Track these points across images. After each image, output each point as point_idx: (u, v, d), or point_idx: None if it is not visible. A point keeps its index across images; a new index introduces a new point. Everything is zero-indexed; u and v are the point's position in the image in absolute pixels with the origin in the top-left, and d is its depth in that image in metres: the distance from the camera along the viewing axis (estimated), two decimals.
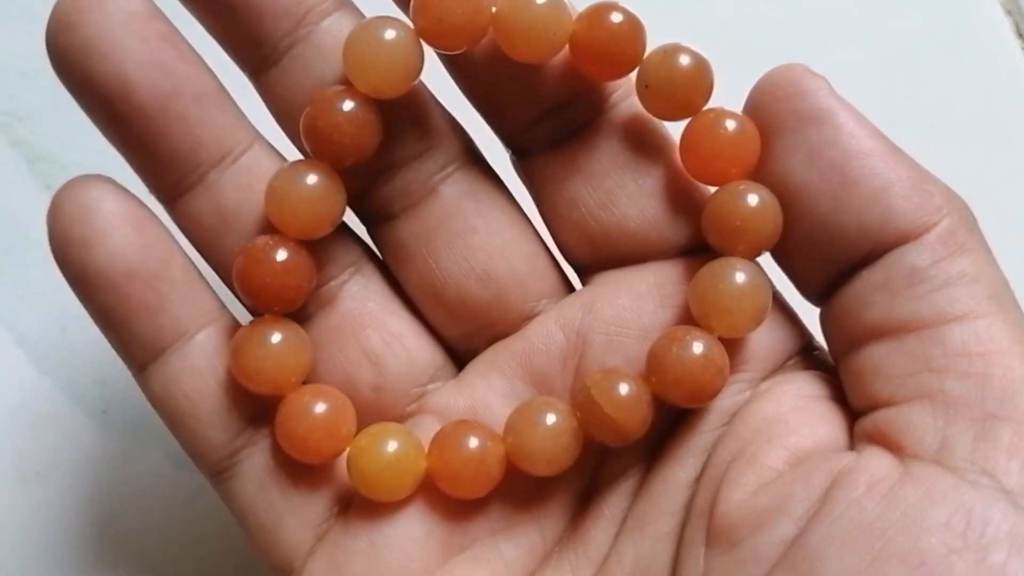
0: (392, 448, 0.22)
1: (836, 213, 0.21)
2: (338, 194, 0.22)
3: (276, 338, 0.22)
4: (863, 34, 0.32)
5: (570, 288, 0.24)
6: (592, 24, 0.21)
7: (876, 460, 0.19)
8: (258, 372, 0.22)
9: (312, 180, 0.22)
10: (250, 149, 0.23)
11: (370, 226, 0.24)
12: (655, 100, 0.22)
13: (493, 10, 0.21)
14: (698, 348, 0.21)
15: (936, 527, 0.18)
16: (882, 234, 0.20)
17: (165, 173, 0.22)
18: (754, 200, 0.21)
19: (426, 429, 0.23)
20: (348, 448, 0.22)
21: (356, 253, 0.24)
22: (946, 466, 0.19)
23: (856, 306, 0.21)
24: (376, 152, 0.22)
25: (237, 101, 0.23)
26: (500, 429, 0.22)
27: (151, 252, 0.22)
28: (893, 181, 0.20)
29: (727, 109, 0.22)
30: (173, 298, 0.22)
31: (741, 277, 0.21)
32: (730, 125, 0.21)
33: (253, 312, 0.23)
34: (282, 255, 0.22)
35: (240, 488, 0.23)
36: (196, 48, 0.22)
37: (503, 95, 0.23)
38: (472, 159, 0.24)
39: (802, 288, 0.22)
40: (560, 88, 0.22)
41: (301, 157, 0.23)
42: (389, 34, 0.21)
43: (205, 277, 0.23)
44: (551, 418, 0.22)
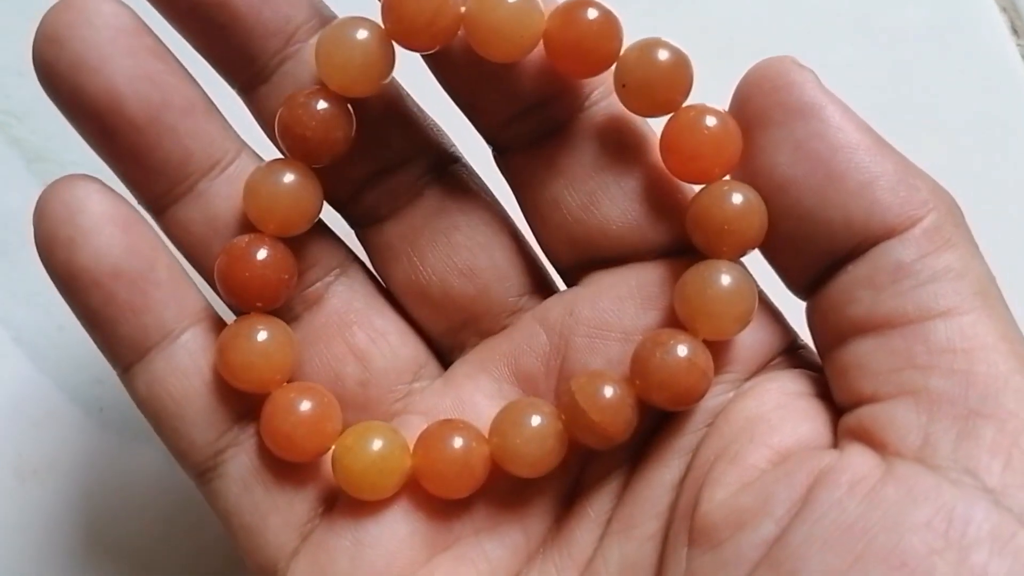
0: (377, 447, 0.22)
1: (822, 207, 0.20)
2: (314, 191, 0.22)
3: (263, 335, 0.22)
4: (857, 30, 0.32)
5: (552, 284, 0.24)
6: (565, 22, 0.21)
7: (858, 459, 0.19)
8: (244, 369, 0.22)
9: (288, 178, 0.22)
10: (238, 158, 0.23)
11: (358, 230, 0.24)
12: (633, 98, 0.21)
13: (463, 9, 0.21)
14: (682, 352, 0.21)
15: (918, 527, 0.18)
16: (868, 228, 0.20)
17: (155, 184, 0.22)
18: (738, 200, 0.21)
19: (412, 429, 0.23)
20: (333, 446, 0.22)
21: (341, 255, 0.24)
22: (928, 465, 0.19)
23: (841, 301, 0.21)
24: (354, 152, 0.22)
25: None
26: (486, 429, 0.22)
27: (137, 252, 0.22)
28: (879, 175, 0.20)
29: (707, 105, 0.21)
30: (159, 298, 0.22)
31: (727, 280, 0.21)
32: (711, 122, 0.21)
33: (238, 314, 0.23)
34: (262, 252, 0.22)
35: (224, 488, 0.23)
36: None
37: (480, 92, 0.22)
38: (454, 161, 0.24)
39: (789, 282, 0.22)
40: (537, 86, 0.22)
41: None
42: (360, 34, 0.21)
43: (191, 277, 0.23)
44: (536, 420, 0.22)
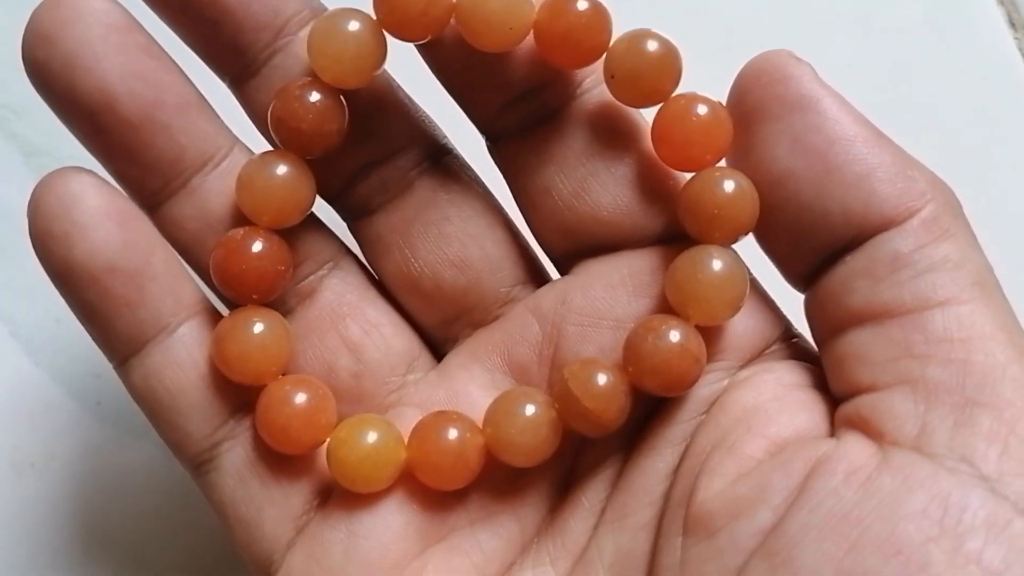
0: (372, 439, 0.22)
1: (820, 199, 0.20)
2: (308, 183, 0.22)
3: (259, 327, 0.22)
4: (855, 23, 0.32)
5: (545, 274, 0.24)
6: (554, 13, 0.21)
7: (855, 448, 0.19)
8: (240, 360, 0.22)
9: (281, 170, 0.22)
10: (231, 154, 0.23)
11: (350, 222, 0.24)
12: (622, 89, 0.21)
13: (453, 0, 0.21)
14: (675, 337, 0.21)
15: (913, 515, 0.18)
16: (866, 219, 0.20)
17: (149, 180, 0.22)
18: (730, 186, 0.21)
19: (407, 420, 0.23)
20: (328, 439, 0.22)
21: (334, 248, 0.24)
22: (925, 453, 0.19)
23: (839, 291, 0.21)
24: (346, 144, 0.22)
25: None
26: (480, 420, 0.22)
27: (133, 247, 0.22)
28: (877, 167, 0.20)
29: (697, 94, 0.21)
30: (155, 292, 0.22)
31: (718, 265, 0.21)
32: (701, 111, 0.21)
33: (233, 307, 0.23)
34: (258, 244, 0.22)
35: (220, 481, 0.23)
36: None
37: (472, 81, 0.22)
38: (446, 153, 0.24)
39: (787, 274, 0.22)
40: (529, 74, 0.22)
41: None
42: (352, 25, 0.21)
43: (187, 269, 0.23)
44: (530, 409, 0.22)
